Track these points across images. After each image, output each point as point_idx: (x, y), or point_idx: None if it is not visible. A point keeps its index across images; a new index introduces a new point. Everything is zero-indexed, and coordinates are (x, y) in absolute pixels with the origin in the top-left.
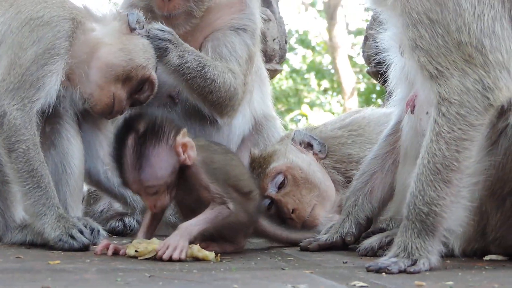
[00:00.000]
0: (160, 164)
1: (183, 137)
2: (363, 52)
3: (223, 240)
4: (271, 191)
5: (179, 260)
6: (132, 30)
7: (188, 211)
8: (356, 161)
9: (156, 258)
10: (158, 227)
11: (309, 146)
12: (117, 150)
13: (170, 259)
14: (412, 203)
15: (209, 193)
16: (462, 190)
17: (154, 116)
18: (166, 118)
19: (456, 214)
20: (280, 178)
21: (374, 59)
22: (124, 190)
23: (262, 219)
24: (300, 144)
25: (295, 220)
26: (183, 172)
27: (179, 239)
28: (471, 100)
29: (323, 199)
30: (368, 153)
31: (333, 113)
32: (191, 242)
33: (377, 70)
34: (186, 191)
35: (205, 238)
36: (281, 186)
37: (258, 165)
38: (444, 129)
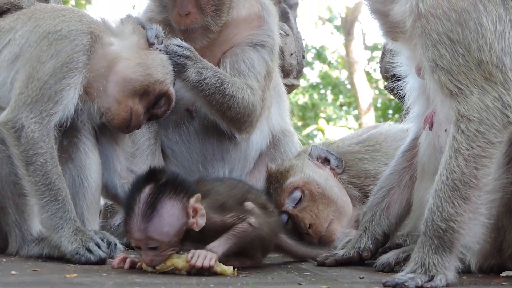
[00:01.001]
0: (169, 219)
1: (196, 201)
2: (381, 67)
3: (242, 254)
4: (288, 206)
5: (205, 273)
6: (150, 45)
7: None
8: (373, 177)
9: (173, 272)
10: None
11: (326, 161)
12: (131, 196)
13: (201, 268)
14: (430, 219)
15: (228, 224)
16: (480, 207)
17: (177, 172)
18: (187, 178)
19: (474, 230)
20: (297, 194)
21: (391, 75)
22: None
23: (281, 234)
24: (317, 159)
25: (312, 235)
26: (189, 235)
27: (207, 252)
28: (490, 118)
29: (340, 214)
30: (385, 169)
31: (349, 128)
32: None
33: (395, 86)
34: (203, 235)
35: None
36: (298, 201)
37: (275, 180)
38: (463, 146)
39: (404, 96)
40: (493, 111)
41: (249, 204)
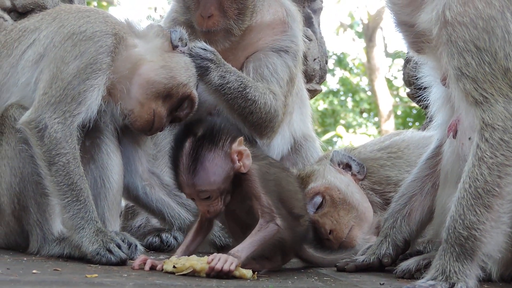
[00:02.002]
0: (214, 169)
1: (239, 145)
2: (403, 74)
3: (262, 257)
4: (309, 211)
5: (224, 276)
6: (174, 47)
7: (236, 225)
8: (394, 183)
9: (193, 275)
10: (200, 245)
11: (347, 167)
12: (174, 153)
13: (221, 271)
14: (452, 226)
15: (260, 205)
16: (502, 216)
17: (214, 122)
18: (225, 125)
19: (496, 239)
20: (318, 199)
21: (413, 82)
22: (163, 206)
23: (307, 247)
24: (339, 164)
25: (333, 241)
26: (238, 180)
27: (228, 256)
28: None
29: (361, 220)
30: (407, 176)
31: (368, 135)
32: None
33: (417, 93)
34: (238, 200)
35: None
36: (319, 207)
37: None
38: (487, 155)
39: (427, 103)
40: None
41: (282, 208)
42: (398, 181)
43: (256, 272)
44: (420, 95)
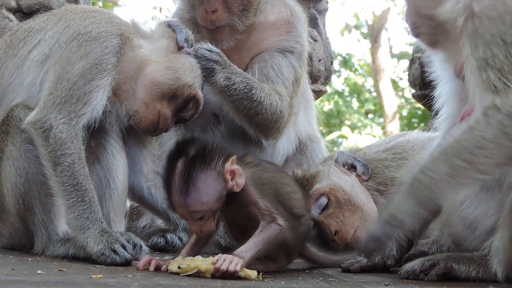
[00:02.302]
0: (207, 189)
1: (231, 164)
2: (409, 74)
3: (267, 258)
4: (314, 212)
5: (230, 277)
6: (180, 48)
7: (238, 230)
8: (399, 184)
9: (198, 275)
10: (205, 245)
11: (352, 167)
12: (166, 173)
13: (226, 272)
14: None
15: (258, 209)
16: (462, 180)
17: (206, 141)
18: (217, 144)
19: (445, 192)
20: (323, 200)
21: (419, 82)
22: (167, 207)
23: (310, 245)
24: (344, 165)
25: (338, 242)
26: (232, 196)
27: (233, 257)
28: None
29: (366, 221)
30: None
31: (374, 136)
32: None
33: (422, 94)
34: (236, 209)
35: None
36: (324, 208)
37: (301, 186)
38: (480, 127)
39: (432, 104)
40: None
41: (281, 209)
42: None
43: (261, 273)
44: (425, 95)
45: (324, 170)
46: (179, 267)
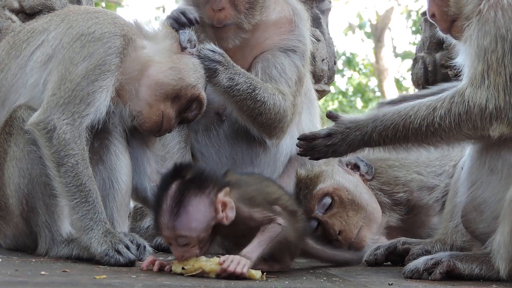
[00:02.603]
0: (197, 215)
1: (225, 196)
2: (412, 75)
3: (270, 258)
4: (318, 212)
5: (235, 278)
6: (183, 49)
7: (237, 241)
8: (403, 184)
9: (202, 276)
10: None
11: (355, 167)
12: (159, 192)
13: (233, 273)
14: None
15: (256, 221)
16: (408, 144)
17: (204, 167)
18: (214, 173)
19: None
20: (327, 200)
21: (423, 81)
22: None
23: (308, 239)
24: (347, 165)
25: (342, 241)
26: (219, 228)
27: (241, 258)
28: (497, 106)
29: (370, 220)
30: (415, 176)
31: None
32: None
33: None
34: (231, 228)
35: None
36: (328, 208)
37: (305, 186)
38: (442, 105)
39: None
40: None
41: (277, 208)
42: (406, 182)
43: (264, 273)
44: None
45: (327, 170)
46: (183, 268)
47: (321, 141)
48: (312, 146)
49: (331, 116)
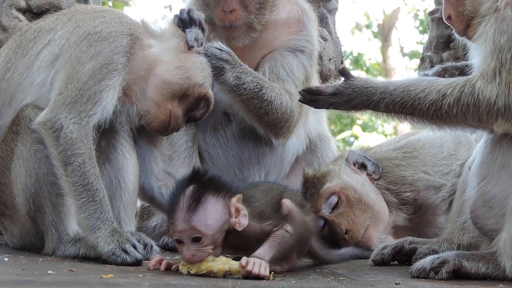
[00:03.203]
0: (214, 214)
1: (237, 201)
2: (419, 74)
3: (280, 258)
4: (325, 211)
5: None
6: (190, 48)
7: (245, 248)
8: (409, 183)
9: (209, 275)
10: None
11: (362, 166)
12: (175, 193)
13: (258, 275)
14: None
15: (267, 231)
16: (412, 120)
17: (218, 174)
18: (229, 180)
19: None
20: (334, 199)
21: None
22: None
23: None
24: (354, 164)
25: (348, 241)
26: (230, 235)
27: (261, 260)
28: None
29: (377, 220)
30: (422, 176)
31: (385, 135)
32: None
33: None
34: (242, 240)
35: None
36: (334, 207)
37: (312, 185)
38: (452, 92)
39: None
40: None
41: (286, 201)
42: (413, 181)
43: (272, 272)
44: None
45: (334, 169)
46: (189, 272)
47: (325, 98)
48: (315, 100)
49: (343, 72)
